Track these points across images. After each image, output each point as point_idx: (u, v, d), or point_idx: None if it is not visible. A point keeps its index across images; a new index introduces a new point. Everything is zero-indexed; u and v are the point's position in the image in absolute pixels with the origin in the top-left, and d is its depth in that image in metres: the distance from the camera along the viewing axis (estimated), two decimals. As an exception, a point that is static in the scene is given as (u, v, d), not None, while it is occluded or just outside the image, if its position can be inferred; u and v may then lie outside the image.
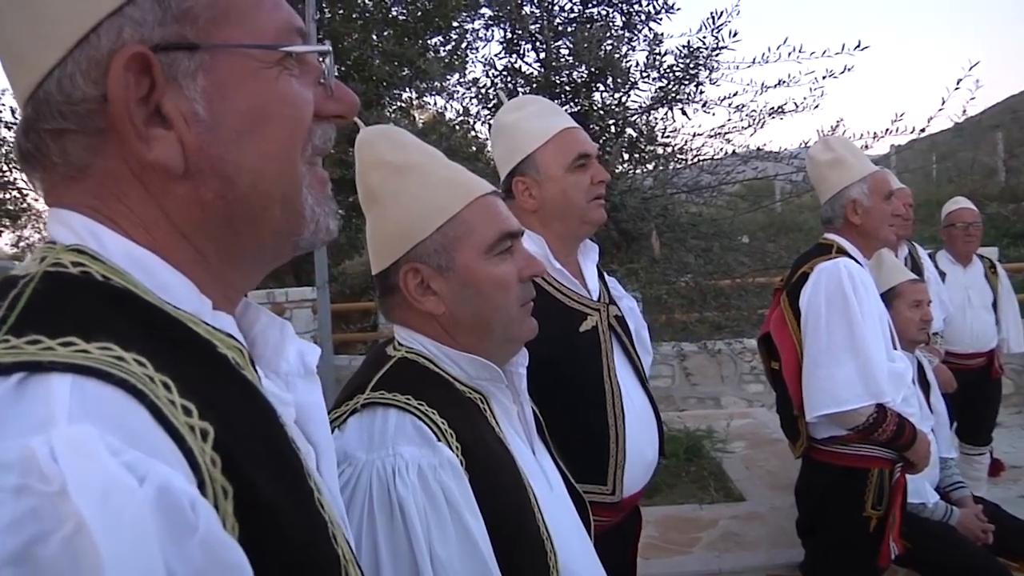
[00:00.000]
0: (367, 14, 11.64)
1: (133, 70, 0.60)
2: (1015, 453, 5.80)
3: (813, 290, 2.56)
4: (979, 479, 4.42)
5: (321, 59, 0.72)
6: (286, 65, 0.67)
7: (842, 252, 2.62)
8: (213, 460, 0.54)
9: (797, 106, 4.32)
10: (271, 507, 0.58)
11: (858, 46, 4.23)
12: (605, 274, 2.16)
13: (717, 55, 3.96)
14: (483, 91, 4.55)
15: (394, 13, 11.81)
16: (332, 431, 1.18)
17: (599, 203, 1.95)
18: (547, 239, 1.94)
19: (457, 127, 5.15)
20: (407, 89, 11.39)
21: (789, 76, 4.22)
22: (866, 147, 4.15)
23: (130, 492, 0.47)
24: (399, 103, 11.87)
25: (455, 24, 9.99)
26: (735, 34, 3.93)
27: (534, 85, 4.38)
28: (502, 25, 4.43)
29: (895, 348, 2.67)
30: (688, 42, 4.03)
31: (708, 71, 4.04)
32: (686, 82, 4.09)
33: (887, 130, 4.16)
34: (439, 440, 1.14)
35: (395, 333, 1.35)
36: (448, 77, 5.54)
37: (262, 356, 0.76)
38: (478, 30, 4.98)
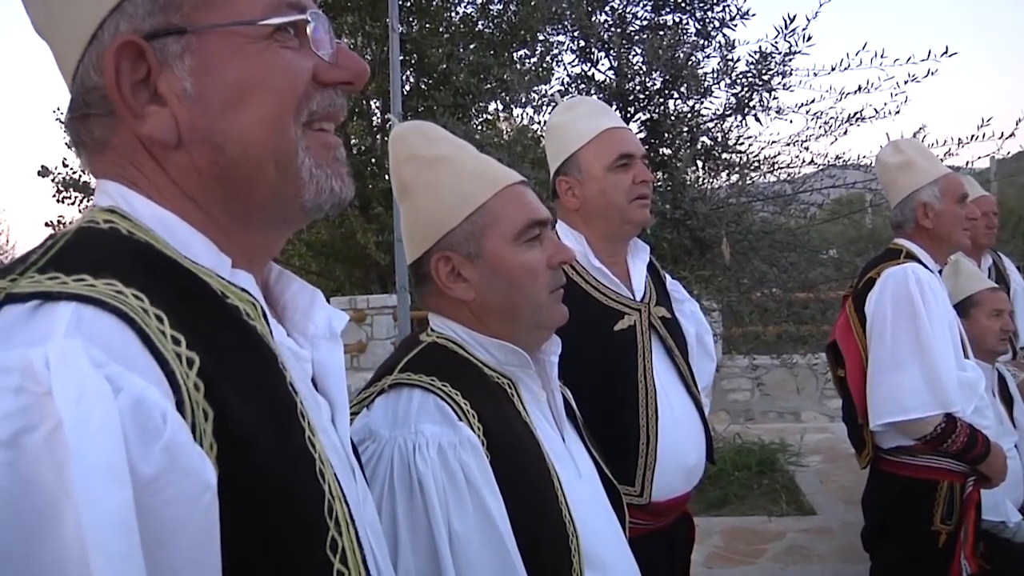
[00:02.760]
0: (453, 27, 11.86)
1: (128, 57, 0.70)
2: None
3: (880, 295, 2.49)
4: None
5: (315, 29, 0.77)
6: (278, 38, 0.74)
7: (911, 257, 2.54)
8: (196, 385, 0.61)
9: (877, 111, 4.21)
10: (252, 434, 0.64)
11: (945, 52, 4.09)
12: (668, 276, 2.15)
13: (790, 60, 3.89)
14: (554, 100, 4.59)
15: (480, 27, 11.99)
16: (360, 411, 1.24)
17: (641, 203, 1.95)
18: (590, 238, 1.95)
19: (542, 138, 5.21)
20: (493, 101, 11.55)
21: (868, 82, 4.11)
22: (949, 154, 3.99)
23: (103, 396, 0.55)
24: (485, 115, 12.03)
25: (540, 38, 10.07)
26: (809, 39, 3.86)
27: (607, 92, 4.40)
28: (574, 35, 4.47)
29: (967, 357, 2.57)
30: (760, 47, 3.98)
31: (781, 76, 3.97)
32: (759, 88, 4.03)
33: (972, 136, 4.00)
34: (460, 420, 1.18)
35: (429, 320, 1.40)
36: (533, 90, 5.61)
37: (292, 319, 0.84)
38: (564, 42, 5.04)
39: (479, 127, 10.82)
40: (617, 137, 1.93)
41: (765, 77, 3.98)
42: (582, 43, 4.39)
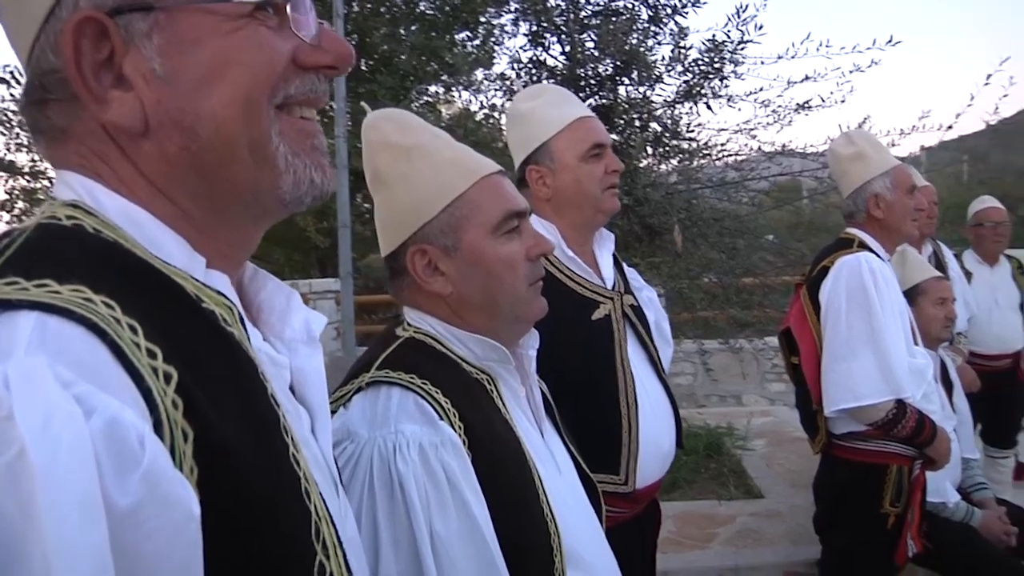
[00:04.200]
0: (395, 9, 11.68)
1: (89, 35, 0.63)
2: (1042, 458, 5.69)
3: (833, 284, 2.54)
4: (1003, 482, 4.35)
5: (295, 8, 0.71)
6: (257, 16, 0.68)
7: (863, 246, 2.60)
8: (174, 403, 0.56)
9: (824, 100, 4.28)
10: (234, 454, 0.59)
11: (889, 41, 4.18)
12: (624, 264, 2.15)
13: (742, 49, 3.93)
14: (509, 85, 4.55)
15: (422, 8, 11.83)
16: (337, 409, 1.20)
17: (613, 192, 1.95)
18: (561, 228, 1.94)
19: (483, 121, 5.16)
20: (434, 84, 11.42)
21: (815, 72, 4.18)
22: (893, 145, 4.09)
23: (72, 420, 0.49)
24: (426, 97, 11.90)
25: (482, 20, 9.99)
26: (761, 27, 3.90)
27: (559, 78, 4.37)
28: (528, 18, 4.42)
29: (916, 344, 2.64)
30: (713, 36, 4.00)
31: (733, 65, 4.01)
32: (711, 76, 4.06)
33: (914, 127, 4.11)
34: (441, 419, 1.15)
35: (404, 314, 1.36)
36: (475, 72, 5.55)
37: (267, 321, 0.78)
38: (504, 25, 4.99)
39: (418, 109, 10.71)
40: (589, 126, 1.92)
41: (717, 65, 4.01)
42: (534, 28, 4.35)
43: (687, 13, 4.24)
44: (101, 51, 0.64)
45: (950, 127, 4.12)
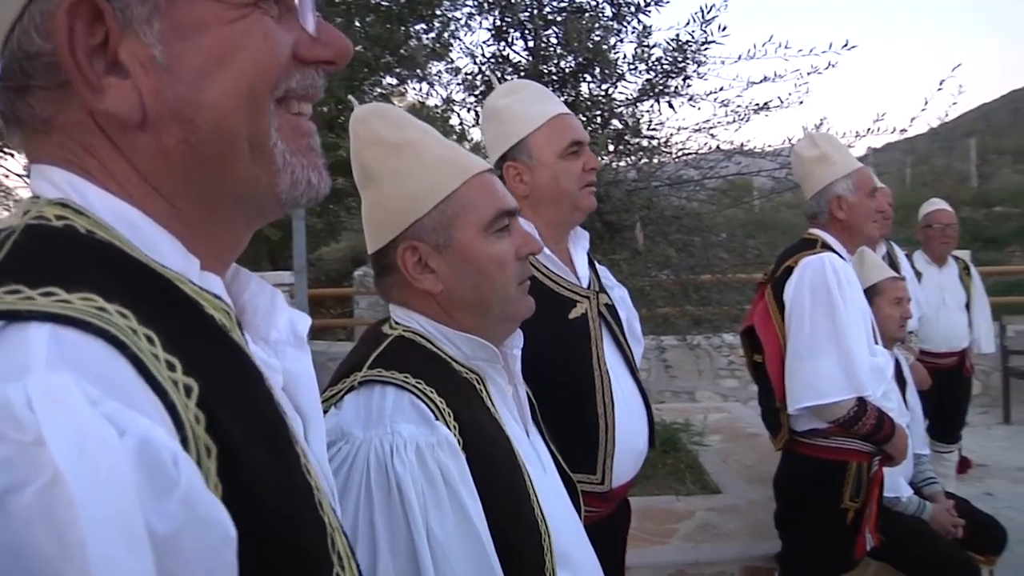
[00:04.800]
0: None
1: (83, 18, 0.59)
2: (981, 452, 5.90)
3: (798, 284, 2.58)
4: (947, 476, 4.49)
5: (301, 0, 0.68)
6: (261, 6, 0.65)
7: (826, 247, 2.65)
8: (197, 417, 0.53)
9: (782, 101, 4.35)
10: (255, 469, 0.57)
11: (845, 45, 4.26)
12: (596, 263, 2.15)
13: (706, 49, 3.97)
14: (469, 78, 4.53)
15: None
16: (328, 409, 1.18)
17: (590, 190, 1.95)
18: (538, 226, 1.93)
19: (438, 114, 5.12)
20: (388, 75, 11.31)
21: (775, 73, 4.24)
22: (849, 147, 4.17)
23: (108, 443, 0.45)
24: (379, 89, 11.78)
25: (438, 12, 9.92)
26: (724, 28, 3.94)
27: (522, 73, 4.37)
28: (491, 13, 4.41)
29: (876, 343, 2.70)
30: (677, 35, 4.04)
31: (696, 65, 4.05)
32: (674, 75, 4.10)
33: (869, 129, 4.20)
34: (437, 419, 1.14)
35: (391, 312, 1.34)
36: (431, 64, 5.50)
37: (251, 323, 0.74)
38: (460, 19, 4.96)
39: (372, 100, 10.59)
40: (568, 123, 1.91)
41: (681, 65, 4.04)
42: (498, 23, 4.33)
43: (650, 12, 4.27)
44: (95, 36, 0.59)
45: (904, 131, 4.23)
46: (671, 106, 4.20)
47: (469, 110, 4.69)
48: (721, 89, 4.39)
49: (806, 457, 2.67)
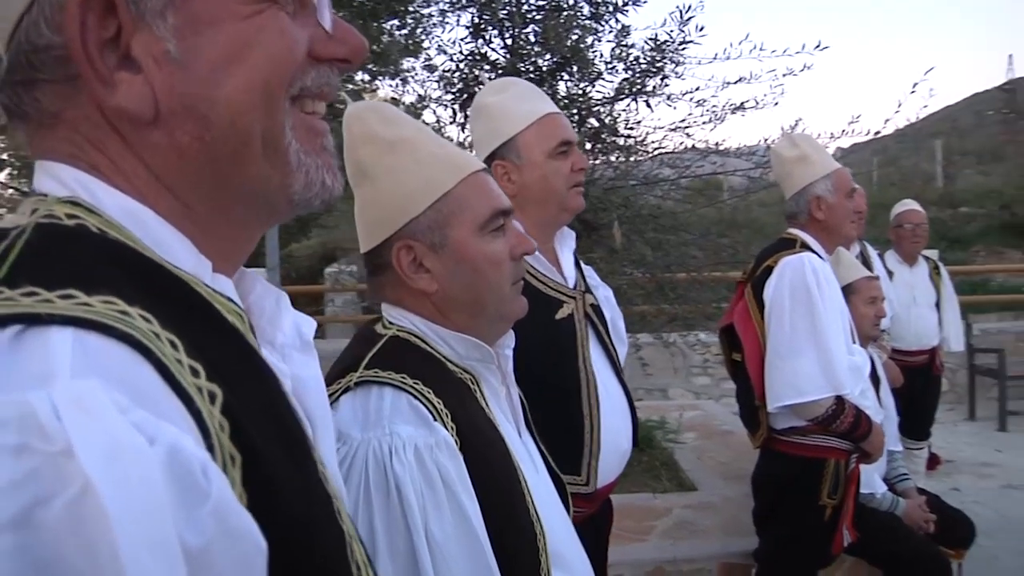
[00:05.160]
0: (324, -6, 11.45)
1: (95, 11, 0.57)
2: (947, 448, 6.02)
3: (778, 283, 2.61)
4: (917, 472, 4.58)
5: None
6: (278, 0, 0.63)
7: (805, 247, 2.68)
8: (221, 425, 0.52)
9: (757, 103, 4.38)
10: (277, 478, 0.55)
11: (818, 46, 4.30)
12: (581, 262, 2.15)
13: (684, 49, 3.99)
14: (447, 75, 4.51)
15: (350, -6, 11.63)
16: (323, 410, 1.17)
17: (578, 191, 1.95)
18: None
19: (413, 111, 5.10)
20: (360, 71, 11.24)
21: (751, 73, 4.27)
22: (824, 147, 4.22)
23: (140, 453, 0.44)
24: (351, 84, 11.71)
25: (411, 8, 9.88)
26: (702, 28, 3.97)
27: (500, 71, 4.36)
28: (467, 10, 4.39)
29: (854, 342, 2.74)
30: (656, 35, 4.05)
31: (674, 65, 4.07)
32: (652, 74, 4.11)
33: (844, 131, 4.25)
34: (435, 420, 1.13)
35: (383, 312, 1.33)
36: (405, 61, 5.45)
37: (257, 326, 0.72)
38: (433, 16, 4.94)
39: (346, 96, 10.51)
40: (558, 123, 1.91)
41: (659, 64, 4.06)
42: (476, 20, 4.32)
43: (627, 11, 4.28)
44: (107, 28, 0.58)
45: (878, 133, 4.28)
46: (648, 105, 4.22)
47: (446, 107, 4.67)
48: (697, 89, 4.41)
49: (785, 455, 2.70)
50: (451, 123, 4.64)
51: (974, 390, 7.44)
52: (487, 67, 4.43)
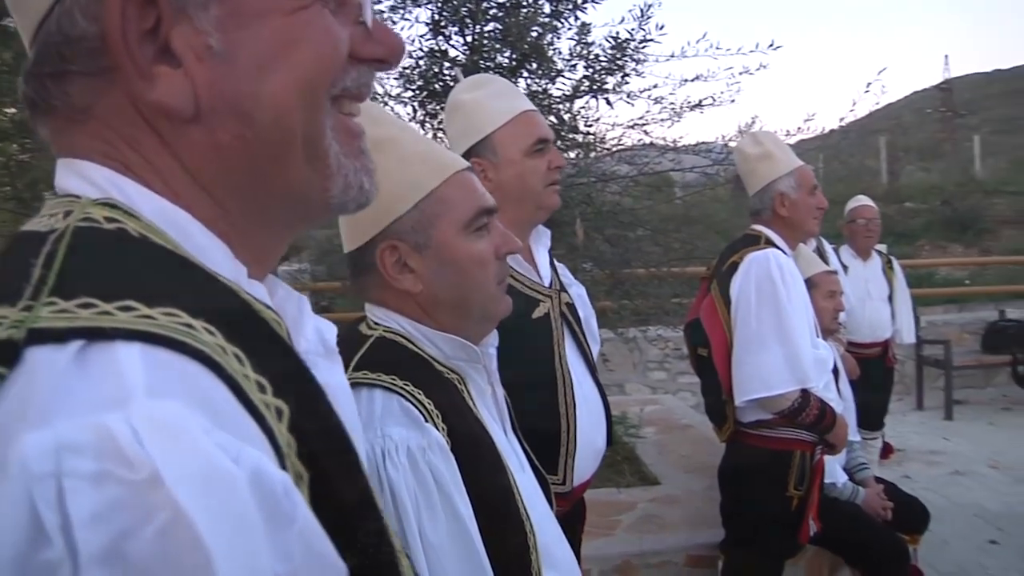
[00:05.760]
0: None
1: (134, 1, 0.54)
2: (898, 437, 6.17)
3: (744, 279, 2.64)
4: (872, 461, 4.68)
5: None
6: None
7: (770, 243, 2.72)
8: (289, 443, 0.50)
9: (715, 100, 4.44)
10: (338, 496, 0.54)
11: (771, 45, 4.38)
12: (555, 261, 2.15)
13: (644, 47, 4.02)
14: (407, 72, 4.47)
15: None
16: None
17: (555, 189, 1.95)
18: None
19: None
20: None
21: (708, 71, 4.33)
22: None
23: (231, 478, 0.42)
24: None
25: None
26: (662, 27, 4.00)
27: (460, 68, 4.34)
28: (428, 7, 4.36)
29: (818, 336, 2.79)
30: (617, 33, 4.07)
31: (635, 62, 4.10)
32: (613, 72, 4.13)
33: (799, 128, 4.33)
34: (426, 421, 1.12)
35: (368, 312, 1.31)
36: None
37: None
38: (384, 12, 4.90)
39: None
40: (534, 120, 1.90)
41: (620, 62, 4.08)
42: (436, 17, 4.29)
43: (587, 9, 4.29)
44: (146, 20, 0.54)
45: (834, 130, 4.37)
46: (609, 103, 4.24)
47: (406, 104, 4.63)
48: (655, 86, 4.46)
49: (752, 448, 2.74)
50: (411, 120, 4.61)
51: (922, 381, 7.65)
52: (447, 64, 4.40)
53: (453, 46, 4.42)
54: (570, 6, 4.21)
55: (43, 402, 0.41)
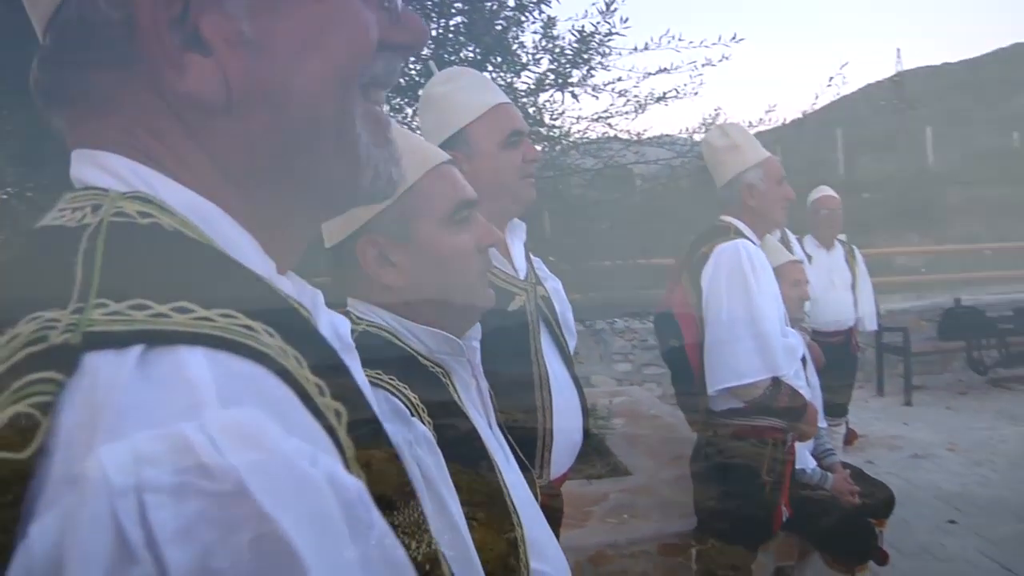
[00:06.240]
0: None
1: None
2: (859, 423, 6.29)
3: (714, 270, 2.67)
4: (837, 447, 4.77)
5: None
6: None
7: (739, 234, 2.75)
8: (348, 446, 0.48)
9: (678, 92, 4.47)
10: (387, 495, 0.52)
11: (733, 38, 4.42)
12: (531, 254, 2.15)
13: (609, 40, 4.03)
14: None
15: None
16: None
17: (530, 182, 1.94)
18: None
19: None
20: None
21: (671, 64, 4.36)
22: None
23: (316, 485, 0.40)
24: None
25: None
26: (626, 20, 4.01)
27: (423, 61, 4.31)
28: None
29: (787, 324, 2.83)
30: (583, 27, 4.08)
31: (600, 56, 4.11)
32: (578, 65, 4.14)
33: (761, 119, 4.38)
34: (412, 415, 1.11)
35: (350, 307, 1.30)
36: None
37: None
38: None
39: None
40: (508, 113, 1.89)
41: (585, 56, 4.09)
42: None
43: (551, 3, 4.29)
44: (174, 6, 0.52)
45: (797, 120, 4.43)
46: (574, 96, 4.25)
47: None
48: (619, 80, 4.48)
49: (724, 436, 2.77)
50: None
51: (882, 367, 7.80)
52: (412, 59, 4.37)
53: (417, 40, 4.40)
54: (535, 0, 4.20)
55: (113, 413, 0.38)
